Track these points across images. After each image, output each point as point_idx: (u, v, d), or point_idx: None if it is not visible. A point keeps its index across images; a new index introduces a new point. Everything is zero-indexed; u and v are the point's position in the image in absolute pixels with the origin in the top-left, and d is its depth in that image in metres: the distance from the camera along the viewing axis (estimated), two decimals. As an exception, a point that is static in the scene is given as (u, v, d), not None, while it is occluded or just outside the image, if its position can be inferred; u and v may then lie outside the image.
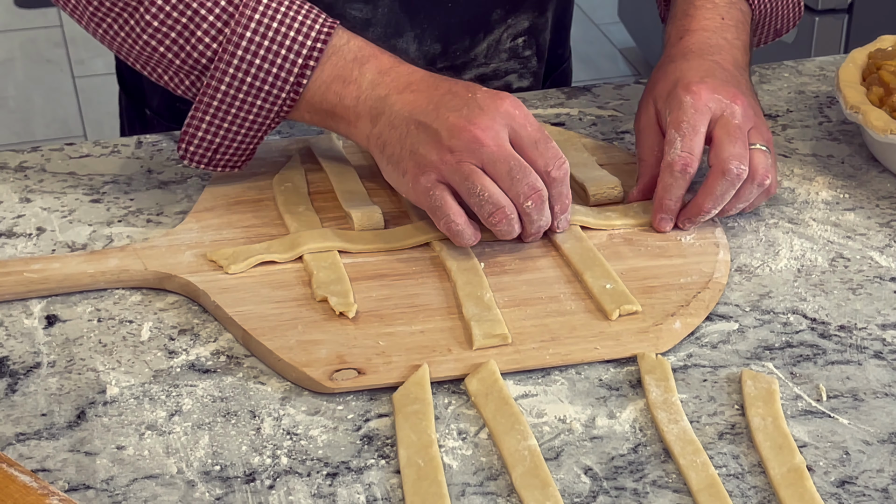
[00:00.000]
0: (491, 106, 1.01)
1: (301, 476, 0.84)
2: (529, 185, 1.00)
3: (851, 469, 0.85)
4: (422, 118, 1.02)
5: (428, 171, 1.01)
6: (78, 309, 1.00)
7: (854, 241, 1.09)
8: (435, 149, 1.01)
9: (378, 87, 1.06)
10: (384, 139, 1.04)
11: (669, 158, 1.07)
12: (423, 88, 1.05)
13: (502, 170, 1.00)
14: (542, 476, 0.83)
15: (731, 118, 1.08)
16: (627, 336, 0.96)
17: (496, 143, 1.00)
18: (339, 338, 0.95)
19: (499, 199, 1.00)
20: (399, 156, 1.03)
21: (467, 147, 1.00)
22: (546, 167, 1.02)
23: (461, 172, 1.00)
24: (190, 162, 1.10)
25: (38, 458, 0.85)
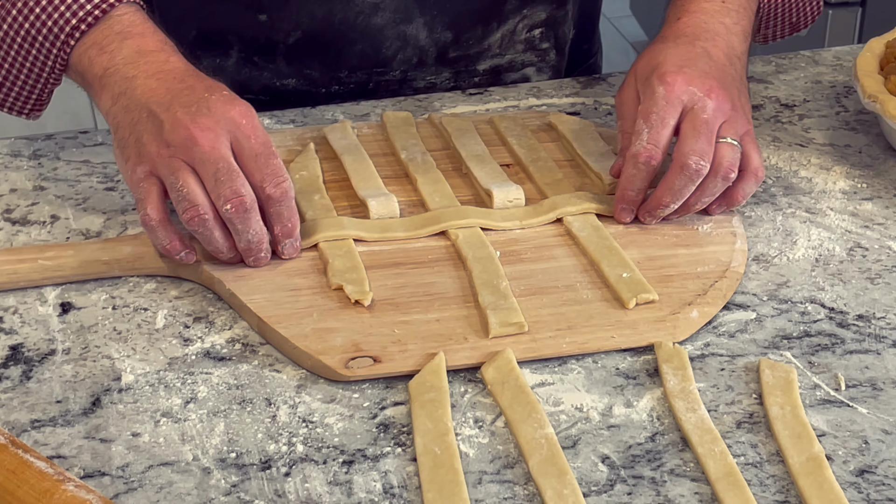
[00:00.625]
0: (219, 110, 0.99)
1: (317, 463, 0.84)
2: (232, 190, 0.96)
3: (871, 458, 0.85)
4: (155, 108, 1.00)
5: (144, 162, 0.99)
6: (92, 296, 1.00)
7: (872, 231, 1.09)
8: (155, 141, 0.99)
9: (129, 66, 1.04)
10: (118, 121, 1.03)
11: (634, 149, 1.05)
12: (169, 79, 1.03)
13: (209, 171, 0.97)
14: (560, 464, 0.83)
15: (701, 112, 1.05)
16: (644, 325, 0.96)
17: (211, 146, 0.97)
18: (355, 326, 0.95)
19: (196, 198, 0.97)
20: (126, 141, 1.02)
21: (182, 144, 0.98)
22: (262, 182, 0.98)
23: (170, 167, 0.98)
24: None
25: (54, 444, 0.85)
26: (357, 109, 1.28)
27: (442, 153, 1.18)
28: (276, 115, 1.26)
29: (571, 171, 1.16)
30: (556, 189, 1.11)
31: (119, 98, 1.03)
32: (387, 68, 1.32)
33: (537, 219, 1.07)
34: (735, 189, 1.07)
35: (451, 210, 1.07)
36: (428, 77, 1.34)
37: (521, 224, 1.07)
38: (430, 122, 1.23)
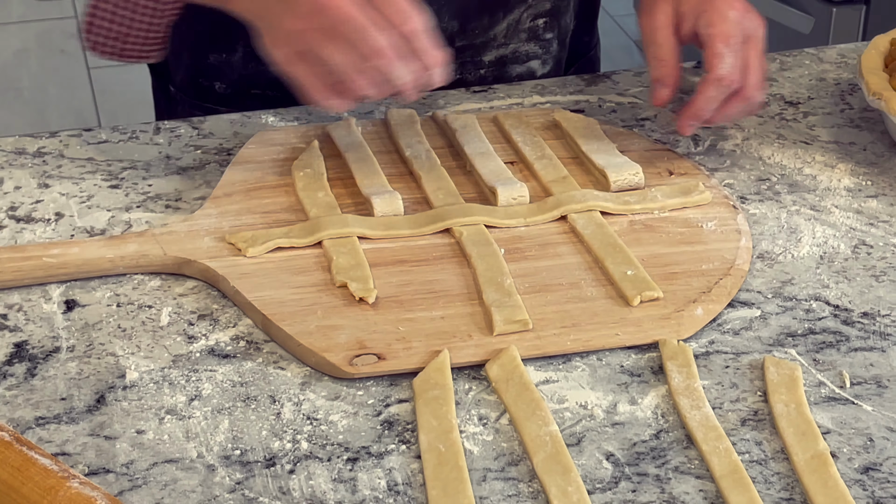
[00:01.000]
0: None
1: (321, 461, 0.84)
2: (370, 46, 0.99)
3: (875, 455, 0.84)
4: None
5: (280, 43, 1.02)
6: (97, 294, 1.00)
7: (877, 228, 1.08)
8: (288, 18, 1.01)
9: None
10: (254, 11, 1.05)
11: (720, 73, 1.10)
12: None
13: (342, 32, 0.99)
14: (564, 462, 0.83)
15: (758, 43, 1.13)
16: (649, 322, 0.96)
17: (337, 6, 0.99)
18: (359, 323, 0.95)
19: (345, 68, 1.00)
20: (264, 27, 1.04)
21: (311, 11, 0.99)
22: (391, 21, 1.00)
23: (307, 41, 1.00)
24: (99, 53, 1.15)
25: (58, 441, 0.85)
26: (361, 107, 1.28)
27: (446, 151, 1.18)
28: (279, 113, 1.26)
29: (576, 168, 1.15)
30: (561, 187, 1.11)
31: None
32: None
33: (542, 216, 1.07)
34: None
35: (456, 207, 1.07)
36: None
37: (525, 221, 1.07)
38: (434, 119, 1.23)
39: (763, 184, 1.15)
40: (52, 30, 3.79)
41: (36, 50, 3.69)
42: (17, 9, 3.90)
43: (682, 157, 1.18)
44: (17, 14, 3.87)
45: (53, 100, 3.47)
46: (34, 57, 3.66)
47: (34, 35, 3.76)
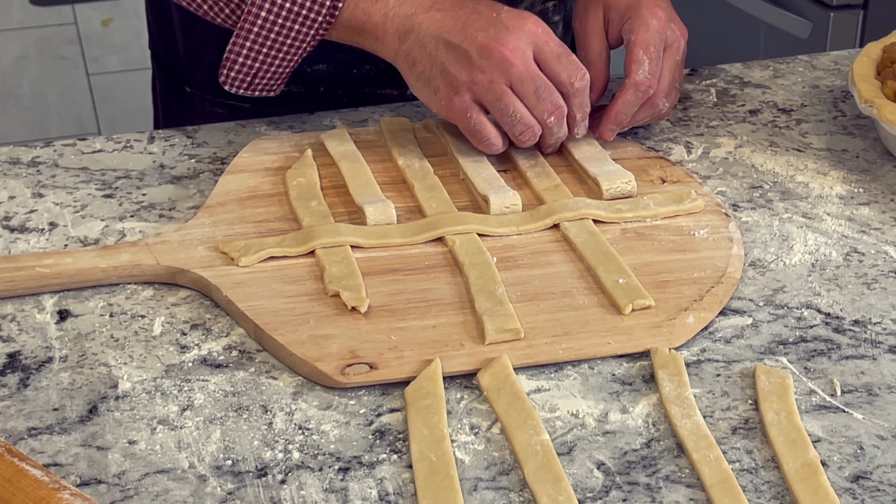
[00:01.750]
0: (516, 26, 1.08)
1: (313, 471, 0.84)
2: (553, 103, 1.09)
3: (866, 464, 0.85)
4: (450, 38, 1.08)
5: (461, 92, 1.09)
6: (90, 304, 1.00)
7: (868, 236, 1.09)
8: (465, 68, 1.08)
9: (404, 5, 1.11)
10: (413, 57, 1.11)
11: (638, 78, 1.14)
12: (449, 7, 1.10)
13: (529, 89, 1.08)
14: (555, 471, 0.83)
15: (677, 53, 1.17)
16: (640, 331, 0.96)
17: (523, 63, 1.07)
18: (352, 332, 0.95)
19: (528, 120, 1.09)
20: (430, 74, 1.10)
21: (497, 67, 1.07)
22: (569, 79, 1.09)
23: (493, 93, 1.08)
24: (231, 87, 1.17)
25: (50, 452, 0.85)
26: (355, 116, 1.28)
27: (439, 159, 1.18)
28: (273, 122, 1.26)
29: (569, 176, 1.16)
30: (554, 195, 1.11)
31: (406, 36, 1.11)
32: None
33: (534, 224, 1.07)
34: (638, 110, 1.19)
35: (448, 216, 1.07)
36: None
37: (517, 230, 1.07)
38: (427, 127, 1.23)
39: (755, 191, 1.15)
40: (52, 36, 3.79)
41: (36, 56, 3.70)
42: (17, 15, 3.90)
43: (675, 164, 1.18)
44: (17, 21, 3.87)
45: (53, 106, 3.48)
46: (34, 63, 3.67)
47: (34, 41, 3.77)
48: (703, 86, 1.35)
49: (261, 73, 1.17)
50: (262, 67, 1.16)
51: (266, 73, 1.17)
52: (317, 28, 1.13)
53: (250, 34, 1.14)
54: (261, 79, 1.17)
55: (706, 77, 1.37)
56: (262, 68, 1.16)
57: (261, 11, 1.12)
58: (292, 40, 1.14)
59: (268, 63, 1.16)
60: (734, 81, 1.36)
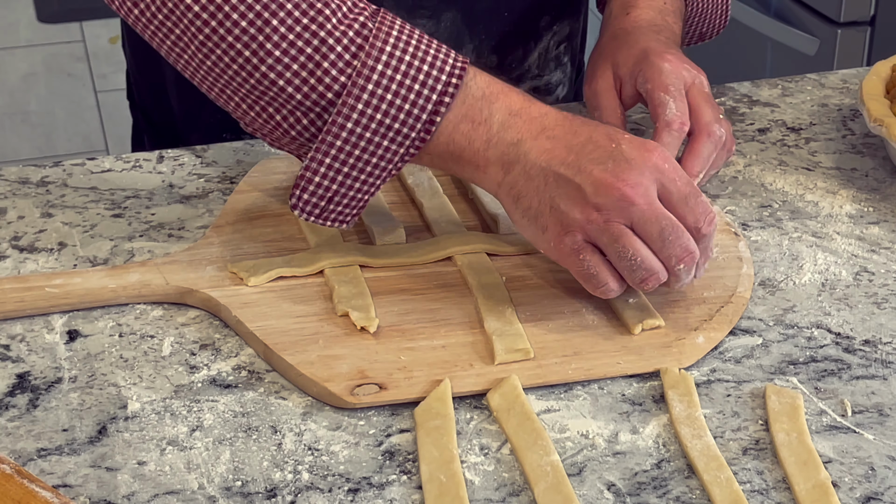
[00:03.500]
0: (639, 159, 0.94)
1: (322, 491, 0.84)
2: (682, 248, 0.95)
3: (877, 484, 0.84)
4: (562, 170, 0.94)
5: (573, 231, 0.95)
6: (99, 324, 1.00)
7: (878, 255, 1.08)
8: (579, 206, 0.94)
9: (510, 131, 0.97)
10: (518, 190, 0.96)
11: (668, 118, 1.09)
12: (561, 135, 0.96)
13: (654, 231, 0.94)
14: (565, 492, 0.83)
15: (702, 87, 1.11)
16: (650, 351, 0.96)
17: (646, 202, 0.93)
18: (361, 352, 0.95)
19: (652, 265, 0.95)
20: (538, 210, 0.96)
21: (616, 206, 0.93)
22: (696, 224, 0.95)
23: (610, 234, 0.94)
24: (301, 213, 0.99)
25: (60, 473, 0.85)
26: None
27: (448, 178, 1.18)
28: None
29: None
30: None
31: (511, 167, 0.96)
32: None
33: (543, 244, 1.07)
34: None
35: (457, 236, 1.07)
36: None
37: (526, 249, 1.07)
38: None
39: (765, 210, 1.15)
40: (60, 54, 3.80)
41: (43, 74, 3.71)
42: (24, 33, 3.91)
43: (684, 183, 1.18)
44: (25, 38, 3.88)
45: (61, 123, 3.49)
46: (42, 81, 3.68)
47: (41, 59, 3.78)
48: (711, 104, 1.35)
49: (337, 198, 0.98)
50: (341, 191, 0.98)
51: (343, 197, 0.98)
52: (408, 146, 0.97)
53: (332, 148, 0.96)
54: (336, 204, 0.99)
55: (715, 96, 1.37)
56: (339, 191, 0.98)
57: (347, 122, 0.95)
58: (379, 159, 0.97)
59: (346, 186, 0.98)
60: (743, 100, 1.36)
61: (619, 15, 1.20)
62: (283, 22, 0.93)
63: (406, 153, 0.97)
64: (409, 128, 0.96)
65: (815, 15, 2.73)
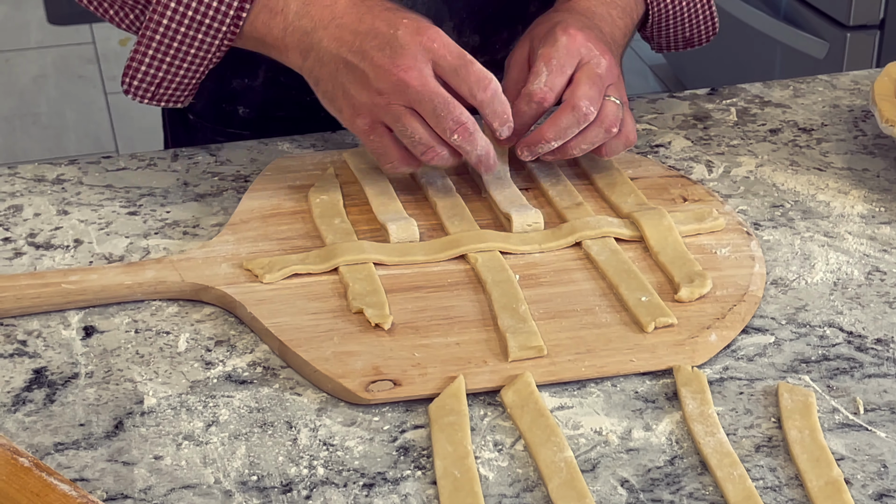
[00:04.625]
0: (411, 42, 1.04)
1: (338, 487, 0.84)
2: (454, 120, 1.04)
3: (890, 482, 0.85)
4: (349, 57, 1.06)
5: (362, 114, 1.06)
6: (115, 320, 1.00)
7: (890, 255, 1.09)
8: (365, 90, 1.05)
9: (303, 19, 1.08)
10: (316, 75, 1.08)
11: (531, 88, 1.10)
12: (348, 22, 1.07)
13: (427, 108, 1.03)
14: (579, 488, 0.83)
15: (596, 67, 1.10)
16: (663, 348, 0.96)
17: (420, 82, 1.03)
18: (375, 349, 0.95)
19: (428, 139, 1.05)
20: (332, 93, 1.08)
21: (394, 89, 1.03)
22: (470, 91, 1.04)
23: (392, 114, 1.05)
24: (134, 96, 1.14)
25: (77, 467, 0.86)
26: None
27: (461, 177, 1.18)
28: (296, 140, 1.27)
29: (591, 195, 1.16)
30: (576, 213, 1.11)
31: (308, 54, 1.08)
32: None
33: (556, 242, 1.08)
34: (605, 144, 1.12)
35: (471, 234, 1.08)
36: None
37: (540, 248, 1.08)
38: (449, 146, 1.24)
39: (776, 210, 1.16)
40: (70, 55, 3.81)
41: (54, 75, 3.72)
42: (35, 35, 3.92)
43: (696, 183, 1.18)
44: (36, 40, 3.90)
45: (71, 125, 3.50)
46: (52, 82, 3.69)
47: (52, 61, 3.79)
48: (723, 105, 1.36)
49: (164, 83, 1.14)
50: (167, 77, 1.14)
51: (171, 83, 1.15)
52: (221, 38, 1.11)
53: (152, 42, 1.12)
54: (165, 88, 1.15)
55: (726, 96, 1.38)
56: (165, 77, 1.14)
57: (162, 19, 1.10)
58: (196, 49, 1.12)
59: (171, 73, 1.14)
60: (754, 101, 1.37)
61: (562, 1, 1.22)
62: None
63: (221, 44, 1.12)
64: (218, 22, 1.10)
65: (825, 18, 2.74)
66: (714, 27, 1.31)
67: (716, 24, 1.31)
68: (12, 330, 0.99)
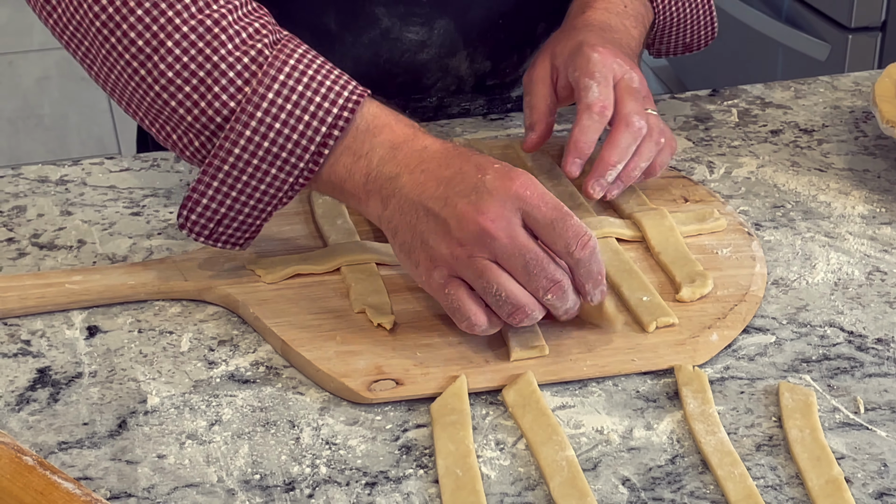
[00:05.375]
0: (500, 189, 0.92)
1: (340, 485, 0.85)
2: (548, 279, 0.93)
3: (890, 481, 0.85)
4: (430, 204, 0.94)
5: (440, 266, 0.94)
6: (118, 320, 1.01)
7: (891, 255, 1.09)
8: (444, 241, 0.93)
9: (389, 164, 0.97)
10: (395, 224, 0.96)
11: (588, 101, 1.09)
12: (434, 168, 0.95)
13: (517, 264, 0.92)
14: (580, 487, 0.84)
15: (631, 82, 1.11)
16: (664, 348, 0.96)
17: (508, 235, 0.92)
18: (377, 349, 0.96)
19: (518, 298, 0.93)
20: (411, 245, 0.96)
21: (477, 240, 0.92)
22: (567, 248, 0.92)
23: (474, 269, 0.92)
24: (190, 232, 1.00)
25: (81, 466, 0.86)
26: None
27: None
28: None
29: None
30: (577, 214, 1.11)
31: (388, 201, 0.96)
32: (424, 95, 1.33)
33: (558, 243, 1.08)
34: (655, 159, 1.11)
35: (473, 234, 1.08)
36: (463, 104, 1.36)
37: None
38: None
39: (778, 211, 1.16)
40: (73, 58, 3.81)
41: (57, 77, 3.72)
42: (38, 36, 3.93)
43: (698, 184, 1.19)
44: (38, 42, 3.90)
45: (74, 127, 3.50)
46: (55, 84, 3.69)
47: (55, 62, 3.79)
48: (724, 106, 1.36)
49: (226, 221, 1.00)
50: (229, 215, 0.99)
51: (234, 221, 1.00)
52: (297, 176, 0.97)
53: (219, 172, 0.97)
54: (226, 227, 1.00)
55: (728, 98, 1.38)
56: (227, 214, 0.99)
57: (234, 147, 0.96)
58: (267, 186, 0.98)
59: (236, 210, 0.99)
60: (756, 102, 1.37)
61: (576, 14, 1.22)
62: (178, 44, 0.94)
63: (296, 182, 0.98)
64: (297, 157, 0.97)
65: (826, 20, 2.74)
66: (713, 32, 1.32)
67: (715, 30, 1.31)
68: (16, 330, 1.00)
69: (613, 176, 1.08)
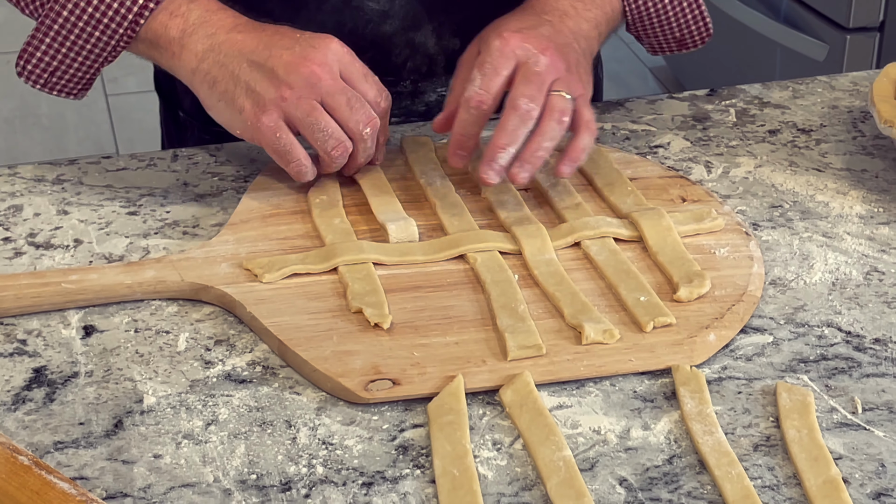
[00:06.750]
0: (321, 44, 1.07)
1: (337, 485, 0.85)
2: (366, 114, 1.08)
3: (887, 481, 0.85)
4: (254, 57, 1.07)
5: (270, 110, 1.06)
6: (115, 319, 1.01)
7: (889, 255, 1.09)
8: (273, 85, 1.06)
9: (205, 25, 1.10)
10: (213, 76, 1.09)
11: (467, 94, 1.10)
12: (251, 30, 1.09)
13: (341, 101, 1.06)
14: (578, 487, 0.83)
15: (534, 66, 1.09)
16: (662, 348, 0.96)
17: (332, 77, 1.06)
18: (374, 349, 0.95)
19: (340, 134, 1.07)
20: (233, 93, 1.08)
21: (305, 83, 1.05)
22: (376, 98, 1.09)
23: (302, 109, 1.06)
24: (27, 80, 1.16)
25: (76, 466, 0.86)
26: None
27: (460, 178, 1.19)
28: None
29: (589, 195, 1.16)
30: (575, 213, 1.12)
31: (206, 55, 1.09)
32: (397, 77, 1.33)
33: (556, 242, 1.08)
34: (573, 144, 1.11)
35: (470, 234, 1.08)
36: (438, 89, 1.35)
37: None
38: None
39: (775, 210, 1.16)
40: None
41: (54, 77, 3.72)
42: (35, 36, 3.92)
43: (695, 184, 1.19)
44: (36, 42, 3.90)
45: (72, 126, 3.50)
46: (52, 84, 3.69)
47: (53, 62, 3.79)
48: (722, 106, 1.36)
49: (58, 73, 1.16)
50: (61, 67, 1.15)
51: (64, 73, 1.16)
52: (117, 39, 1.13)
53: (50, 31, 1.13)
54: (58, 79, 1.17)
55: (725, 97, 1.38)
56: (59, 68, 1.15)
57: (63, 10, 1.12)
58: (92, 46, 1.14)
59: (66, 64, 1.15)
60: (753, 102, 1.37)
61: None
62: None
63: (118, 45, 1.13)
64: (116, 24, 1.12)
65: (825, 20, 2.74)
66: (707, 29, 1.31)
67: (709, 26, 1.30)
68: (12, 329, 1.00)
69: (506, 159, 1.08)
